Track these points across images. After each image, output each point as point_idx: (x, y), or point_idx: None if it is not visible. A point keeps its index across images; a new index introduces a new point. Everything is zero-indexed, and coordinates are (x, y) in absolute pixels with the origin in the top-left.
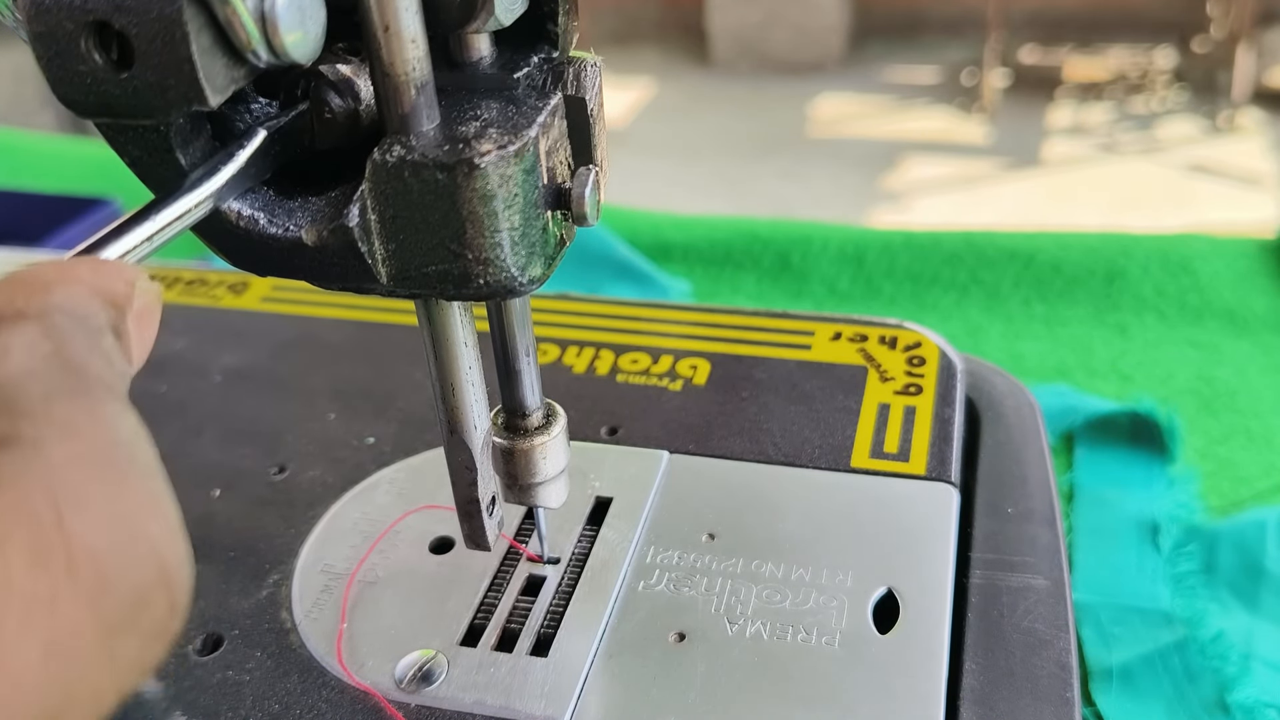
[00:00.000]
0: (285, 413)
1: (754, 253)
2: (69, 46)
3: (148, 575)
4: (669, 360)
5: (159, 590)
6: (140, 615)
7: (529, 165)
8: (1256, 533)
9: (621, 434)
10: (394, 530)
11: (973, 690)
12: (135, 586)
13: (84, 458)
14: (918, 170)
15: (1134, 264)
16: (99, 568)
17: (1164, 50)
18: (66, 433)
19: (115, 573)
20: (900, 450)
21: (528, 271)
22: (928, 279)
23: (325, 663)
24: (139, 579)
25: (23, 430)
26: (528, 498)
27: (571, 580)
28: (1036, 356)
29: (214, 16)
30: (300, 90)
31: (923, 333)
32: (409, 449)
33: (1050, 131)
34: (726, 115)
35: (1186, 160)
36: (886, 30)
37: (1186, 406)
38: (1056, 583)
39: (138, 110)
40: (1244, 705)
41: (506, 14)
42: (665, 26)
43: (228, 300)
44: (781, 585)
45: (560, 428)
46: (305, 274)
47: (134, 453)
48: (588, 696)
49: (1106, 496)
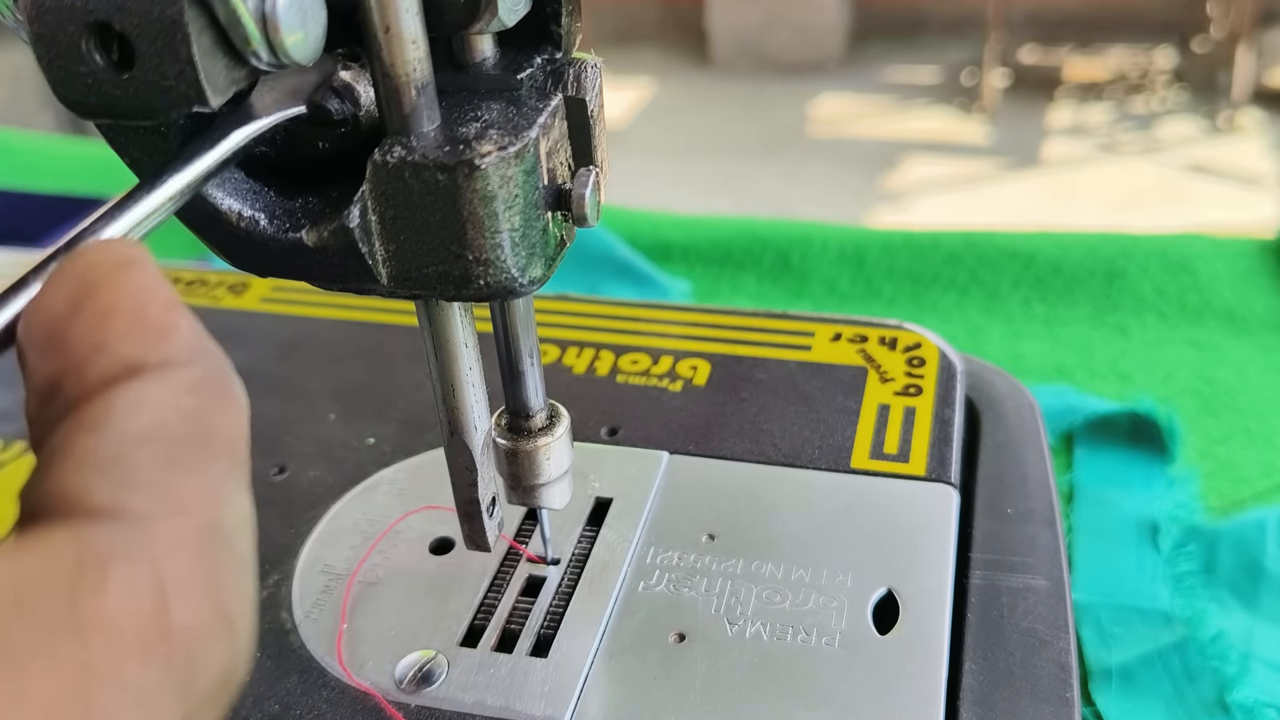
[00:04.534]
0: (285, 413)
1: (754, 253)
2: (70, 48)
3: (231, 662)
4: (669, 361)
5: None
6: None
7: (529, 166)
8: (1256, 533)
9: (621, 435)
10: (394, 531)
11: (973, 690)
12: (220, 673)
13: (189, 542)
14: (918, 170)
15: (1134, 264)
16: (192, 658)
17: (1164, 50)
18: (177, 511)
19: (205, 662)
20: (900, 451)
21: (528, 272)
22: (928, 279)
23: (325, 663)
24: (223, 666)
25: (134, 504)
26: (531, 499)
27: (571, 581)
28: (1036, 356)
29: (215, 17)
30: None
31: (923, 333)
32: (409, 449)
33: (1050, 131)
34: (726, 115)
35: (1186, 160)
36: (886, 30)
37: (1186, 406)
38: (1056, 583)
39: (138, 111)
40: (1244, 705)
41: (510, 15)
42: (665, 26)
43: (228, 300)
44: (781, 586)
45: (564, 429)
46: (305, 275)
47: (235, 541)
48: (588, 697)
49: (1106, 496)
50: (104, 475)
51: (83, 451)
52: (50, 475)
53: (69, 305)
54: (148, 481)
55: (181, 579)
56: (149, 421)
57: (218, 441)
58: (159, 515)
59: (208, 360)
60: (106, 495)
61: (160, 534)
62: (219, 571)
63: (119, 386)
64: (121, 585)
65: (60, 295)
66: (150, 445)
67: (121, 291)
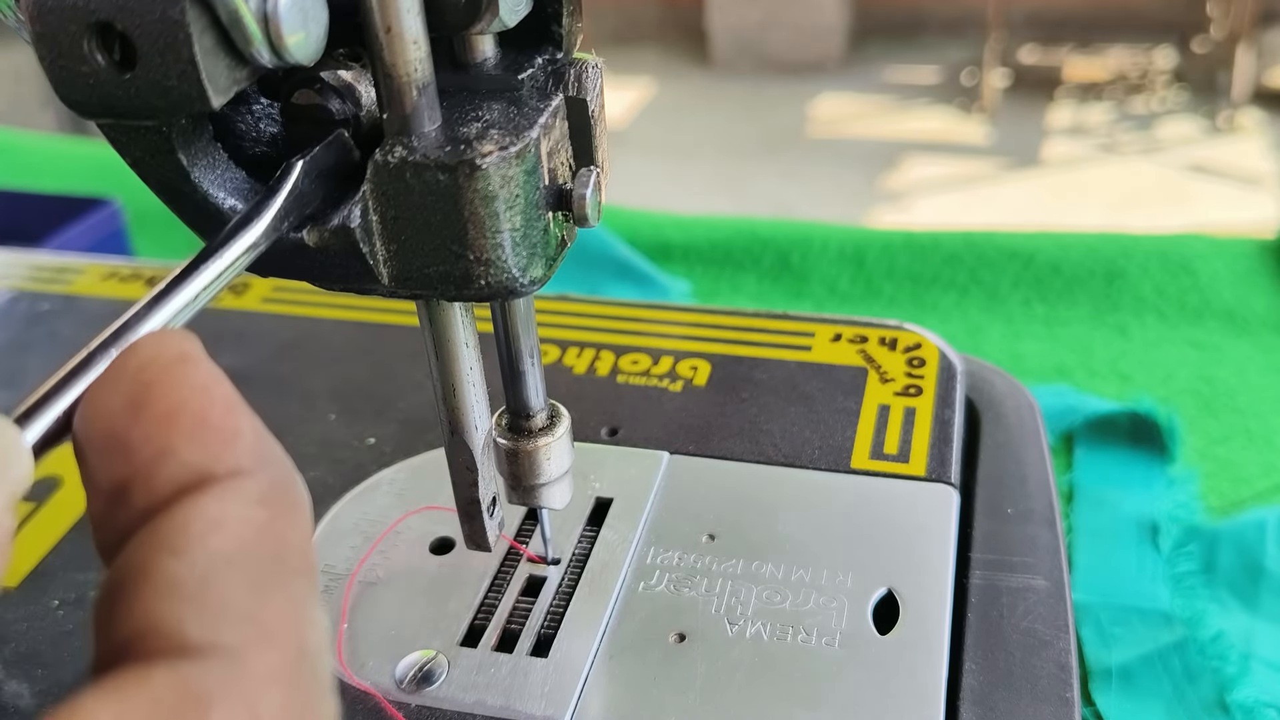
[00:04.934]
0: (285, 413)
1: (754, 253)
2: (71, 47)
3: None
4: (669, 361)
5: None
6: None
7: (530, 166)
8: (1256, 533)
9: (622, 435)
10: (394, 531)
11: (973, 690)
12: None
13: (281, 673)
14: (918, 170)
15: (1134, 264)
16: None
17: (1164, 50)
18: (267, 641)
19: None
20: (900, 451)
21: (529, 272)
22: (928, 279)
23: None
24: None
25: (226, 637)
26: (532, 499)
27: (572, 581)
28: (1036, 356)
29: (216, 18)
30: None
31: (922, 334)
32: (409, 450)
33: (1050, 131)
34: (726, 115)
35: (1186, 160)
36: (886, 30)
37: (1186, 406)
38: (1056, 583)
39: (140, 111)
40: (1244, 705)
41: (511, 15)
42: (665, 26)
43: (228, 300)
44: (781, 586)
45: (564, 429)
46: (306, 275)
47: (318, 666)
48: (588, 697)
49: (1106, 496)
50: (194, 606)
51: (168, 577)
52: (138, 603)
53: (129, 405)
54: (237, 611)
55: (275, 714)
56: (230, 542)
57: (293, 558)
58: (251, 647)
59: (274, 467)
60: (199, 630)
61: (254, 668)
62: (309, 699)
63: (192, 500)
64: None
65: (119, 394)
66: (234, 569)
67: (182, 391)
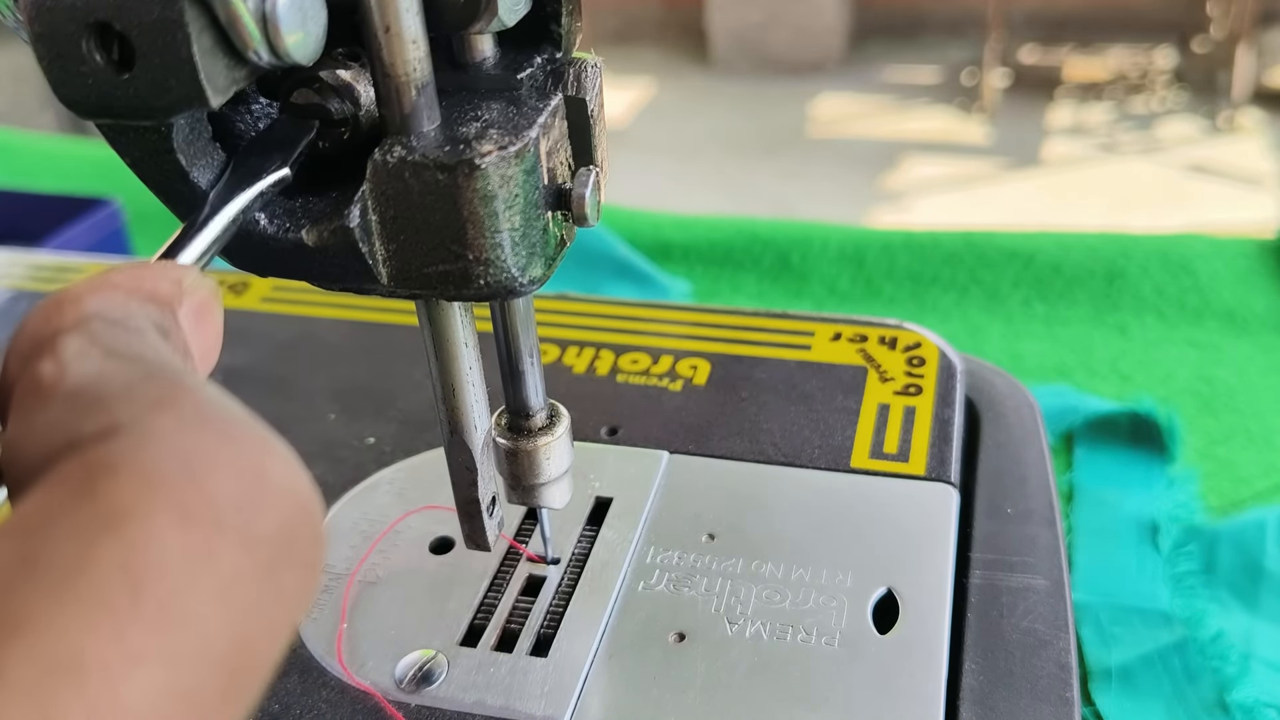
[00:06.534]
0: (285, 413)
1: (754, 253)
2: (70, 47)
3: (286, 510)
4: (669, 360)
5: (300, 523)
6: (291, 549)
7: (530, 166)
8: (1256, 533)
9: (621, 434)
10: (394, 530)
11: (973, 690)
12: (278, 524)
13: (188, 421)
14: (918, 170)
15: (1134, 264)
16: (241, 514)
17: (1164, 50)
18: (162, 406)
19: (257, 515)
20: (900, 451)
21: (528, 272)
22: (928, 279)
23: (325, 663)
24: (279, 515)
25: (120, 418)
26: (531, 498)
27: (571, 580)
28: (1036, 356)
29: (215, 17)
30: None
31: (922, 333)
32: (409, 449)
33: (1050, 131)
34: (726, 115)
35: (1186, 160)
36: (886, 30)
37: (1186, 406)
38: (1056, 583)
39: (139, 111)
40: (1243, 705)
41: (510, 15)
42: (665, 26)
43: (228, 300)
44: (781, 585)
45: (564, 428)
46: (306, 274)
47: (228, 407)
48: (588, 697)
49: (1106, 496)
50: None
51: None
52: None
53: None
54: (119, 399)
55: (196, 451)
56: (78, 371)
57: (148, 361)
58: (152, 415)
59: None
60: (92, 422)
61: (161, 426)
62: (230, 434)
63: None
64: (142, 475)
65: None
66: (97, 380)
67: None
